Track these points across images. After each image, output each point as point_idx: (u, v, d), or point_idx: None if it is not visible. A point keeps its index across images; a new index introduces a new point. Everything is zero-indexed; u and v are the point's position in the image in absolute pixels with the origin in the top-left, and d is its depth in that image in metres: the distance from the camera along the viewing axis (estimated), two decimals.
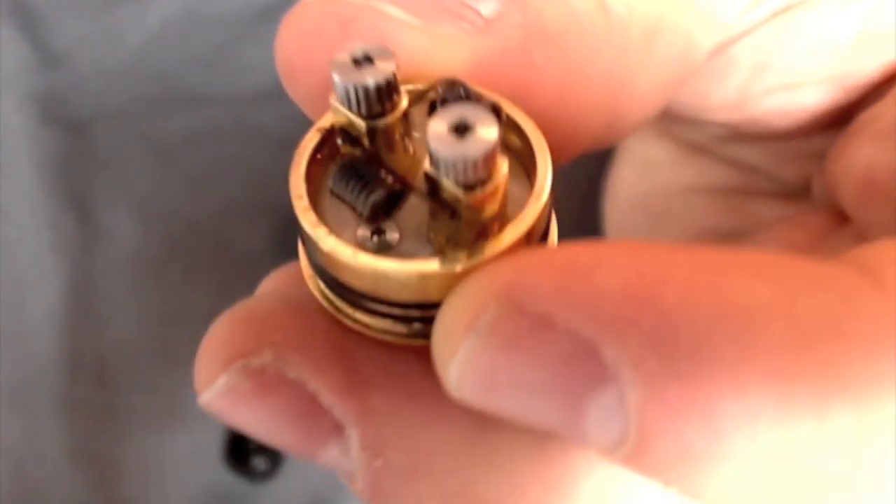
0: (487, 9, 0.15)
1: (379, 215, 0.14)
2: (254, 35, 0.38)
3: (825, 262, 0.12)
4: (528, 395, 0.12)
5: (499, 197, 0.14)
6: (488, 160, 0.13)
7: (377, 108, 0.14)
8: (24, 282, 0.36)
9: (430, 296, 0.14)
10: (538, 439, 0.14)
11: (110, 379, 0.36)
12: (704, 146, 0.26)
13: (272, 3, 0.38)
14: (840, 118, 0.22)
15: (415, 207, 0.15)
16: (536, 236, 0.14)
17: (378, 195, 0.14)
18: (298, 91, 0.16)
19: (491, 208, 0.13)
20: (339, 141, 0.15)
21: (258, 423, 0.15)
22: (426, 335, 0.14)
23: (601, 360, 0.12)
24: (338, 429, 0.14)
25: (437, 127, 0.13)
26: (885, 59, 0.20)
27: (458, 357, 0.12)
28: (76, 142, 0.37)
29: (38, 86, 0.37)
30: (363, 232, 0.15)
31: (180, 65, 0.37)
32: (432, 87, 0.15)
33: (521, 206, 0.14)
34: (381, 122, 0.14)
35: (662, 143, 0.27)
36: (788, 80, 0.21)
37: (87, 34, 0.37)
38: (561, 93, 0.15)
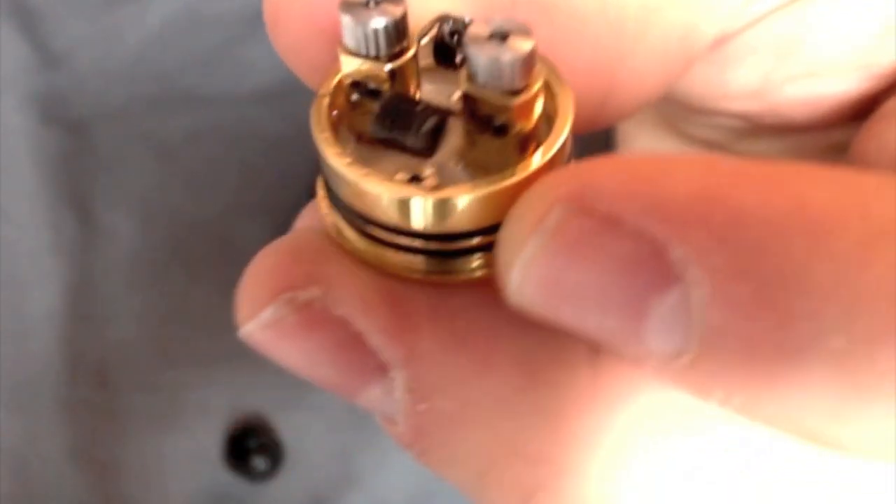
0: None
1: (432, 146, 0.14)
2: (254, 35, 0.38)
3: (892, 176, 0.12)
4: (589, 300, 0.12)
5: (536, 108, 0.14)
6: (529, 61, 0.13)
7: (395, 48, 0.14)
8: (24, 282, 0.36)
9: (478, 221, 0.14)
10: (591, 392, 0.14)
11: (110, 379, 0.36)
12: (716, 142, 0.25)
13: None
14: (863, 109, 0.21)
15: (447, 155, 0.15)
16: (565, 156, 0.14)
17: (431, 122, 0.14)
18: (283, 42, 0.16)
19: (530, 119, 0.14)
20: (353, 97, 0.15)
21: (300, 359, 0.14)
22: (468, 269, 0.14)
23: (668, 261, 0.11)
24: (382, 369, 0.14)
25: (478, 33, 0.13)
26: None
27: (522, 259, 0.12)
28: (76, 142, 0.37)
29: (38, 86, 0.37)
30: (401, 178, 0.14)
31: (180, 65, 0.37)
32: (431, 26, 0.15)
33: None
34: (400, 62, 0.14)
35: (668, 138, 0.26)
36: (814, 67, 0.21)
37: (87, 34, 0.37)
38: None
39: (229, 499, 0.36)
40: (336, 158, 0.14)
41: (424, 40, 0.15)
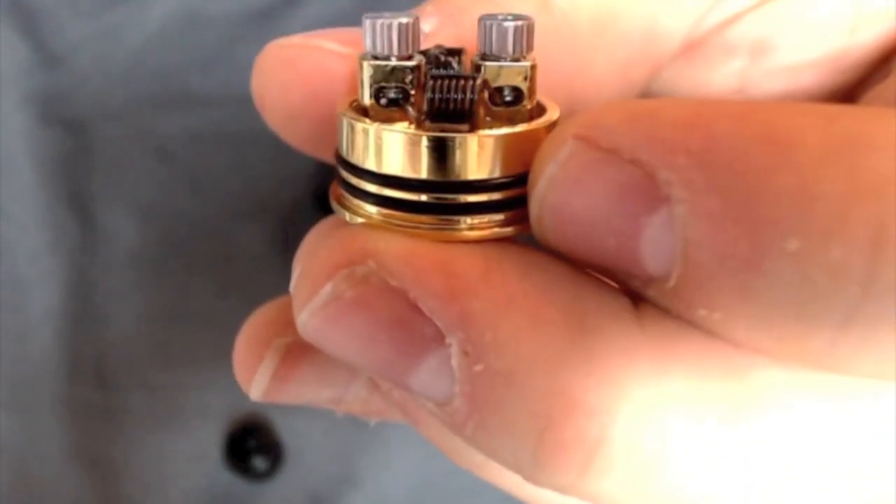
0: (428, 26, 0.17)
1: (471, 112, 0.15)
2: (254, 35, 0.38)
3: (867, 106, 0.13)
4: (593, 223, 0.14)
5: (535, 88, 0.16)
6: (529, 32, 0.15)
7: (413, 48, 0.16)
8: (24, 282, 0.36)
9: (503, 166, 0.15)
10: (639, 340, 0.14)
11: (110, 379, 0.36)
12: None
13: (272, 4, 0.38)
14: (842, 102, 0.22)
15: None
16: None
17: (481, 78, 0.15)
18: (270, 118, 0.18)
19: (533, 94, 0.16)
20: (381, 102, 0.16)
21: (357, 338, 0.15)
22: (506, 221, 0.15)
23: (656, 184, 0.13)
24: (437, 339, 0.14)
25: (489, 19, 0.15)
26: (879, 36, 0.21)
27: (539, 185, 0.14)
28: (76, 142, 0.37)
29: (38, 86, 0.37)
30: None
31: (180, 65, 0.37)
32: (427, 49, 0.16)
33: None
34: (418, 62, 0.15)
35: None
36: (789, 63, 0.21)
37: (87, 34, 0.37)
38: None
39: (229, 499, 0.37)
40: (367, 121, 0.15)
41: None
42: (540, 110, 0.16)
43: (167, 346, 0.37)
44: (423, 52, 0.16)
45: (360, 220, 0.16)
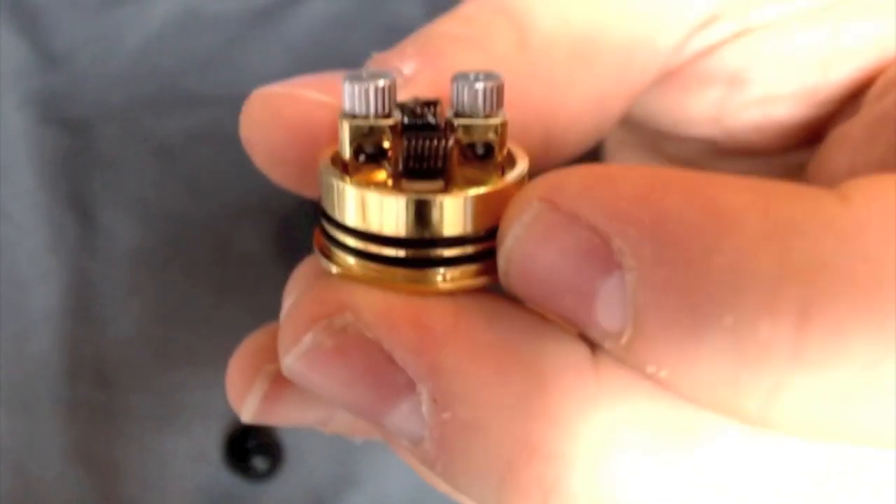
0: (408, 69, 0.19)
1: (444, 167, 0.17)
2: (254, 35, 0.38)
3: (806, 185, 0.15)
4: (554, 282, 0.15)
5: (506, 141, 0.17)
6: (499, 92, 0.16)
7: (390, 108, 0.16)
8: (24, 282, 0.36)
9: (474, 225, 0.16)
10: (595, 391, 0.15)
11: (110, 379, 0.36)
12: (692, 160, 0.27)
13: (272, 4, 0.38)
14: (814, 134, 0.23)
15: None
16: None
17: (453, 139, 0.16)
18: (258, 161, 0.20)
19: (503, 148, 0.17)
20: (359, 159, 0.17)
21: (336, 382, 0.16)
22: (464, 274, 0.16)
23: (611, 250, 0.14)
24: (410, 386, 0.16)
25: (462, 79, 0.16)
26: (851, 74, 0.22)
27: (506, 247, 0.15)
28: (76, 142, 0.37)
29: (38, 86, 0.37)
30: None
31: (180, 65, 0.37)
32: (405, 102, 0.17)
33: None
34: (395, 120, 0.16)
35: (650, 159, 0.28)
36: (763, 95, 0.23)
37: (87, 34, 0.37)
38: None
39: (229, 499, 0.37)
40: (352, 181, 0.16)
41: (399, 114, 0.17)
42: (510, 159, 0.17)
43: (167, 347, 0.37)
44: (401, 106, 0.17)
45: (339, 269, 0.17)
